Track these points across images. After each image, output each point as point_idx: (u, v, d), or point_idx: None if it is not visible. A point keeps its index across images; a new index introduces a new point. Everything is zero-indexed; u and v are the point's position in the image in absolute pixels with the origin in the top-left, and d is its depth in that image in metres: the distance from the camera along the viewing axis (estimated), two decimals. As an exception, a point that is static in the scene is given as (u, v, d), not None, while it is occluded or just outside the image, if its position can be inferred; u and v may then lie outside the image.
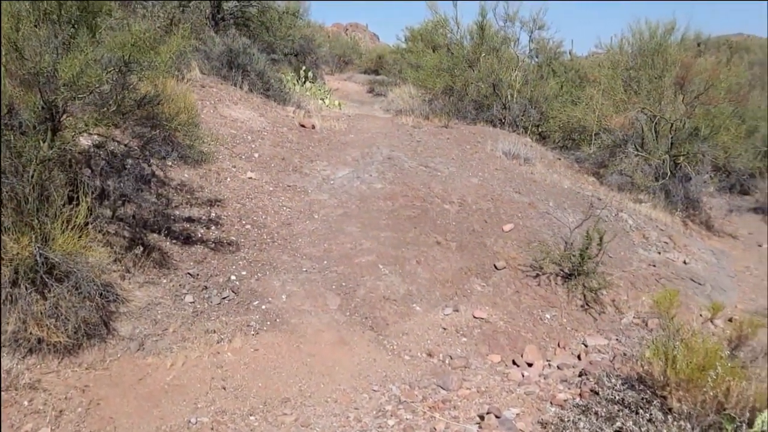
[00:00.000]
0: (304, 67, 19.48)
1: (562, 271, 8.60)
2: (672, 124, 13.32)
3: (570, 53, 21.25)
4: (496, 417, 5.14)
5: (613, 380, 4.88)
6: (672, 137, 13.38)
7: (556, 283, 8.50)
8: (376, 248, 8.68)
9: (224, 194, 9.38)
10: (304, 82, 18.75)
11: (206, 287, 7.37)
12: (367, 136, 12.69)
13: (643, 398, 4.65)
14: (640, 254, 9.87)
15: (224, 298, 7.31)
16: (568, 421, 5.11)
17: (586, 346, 7.56)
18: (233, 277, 7.69)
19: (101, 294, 6.21)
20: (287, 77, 17.83)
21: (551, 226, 9.71)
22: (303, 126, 12.72)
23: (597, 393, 5.35)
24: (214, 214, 8.83)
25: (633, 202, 12.46)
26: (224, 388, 5.92)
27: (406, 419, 5.58)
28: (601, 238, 8.26)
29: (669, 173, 13.01)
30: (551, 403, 5.77)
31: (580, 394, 5.69)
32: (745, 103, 13.92)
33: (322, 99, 18.05)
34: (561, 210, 10.37)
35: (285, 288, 7.66)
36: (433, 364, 6.92)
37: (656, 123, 13.61)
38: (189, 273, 7.51)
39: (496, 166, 11.69)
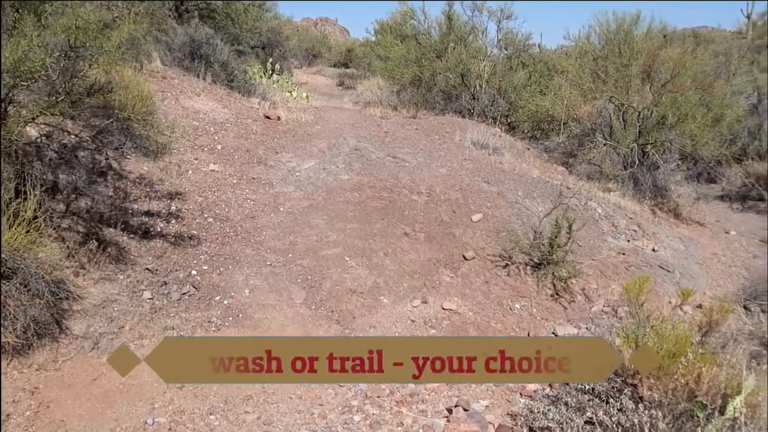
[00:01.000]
0: (270, 60, 19.15)
1: (532, 260, 8.50)
2: (639, 113, 13.31)
3: (539, 46, 21.26)
4: (465, 410, 4.99)
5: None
6: (640, 126, 13.37)
7: (525, 273, 8.39)
8: (342, 240, 8.48)
9: (185, 187, 9.09)
10: (271, 75, 18.43)
11: (165, 283, 7.10)
12: (334, 127, 12.46)
13: (613, 387, 4.54)
14: (609, 242, 9.81)
15: (184, 293, 7.05)
16: (538, 412, 4.98)
17: (556, 335, 7.46)
18: (194, 272, 7.43)
19: (52, 291, 5.91)
20: (253, 70, 17.50)
21: (520, 216, 9.60)
22: (268, 117, 12.44)
23: (567, 383, 5.23)
24: (174, 208, 8.55)
25: (602, 191, 12.42)
26: (182, 387, 5.68)
27: (373, 414, 5.40)
28: (570, 227, 8.17)
29: (637, 162, 13.00)
30: (521, 394, 5.64)
31: (550, 385, 5.56)
32: (711, 90, 13.96)
33: (290, 92, 17.74)
34: (530, 199, 10.28)
35: (248, 282, 7.42)
36: (401, 357, 6.75)
37: (624, 112, 13.59)
38: (147, 268, 7.23)
39: (464, 156, 11.55)
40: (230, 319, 6.83)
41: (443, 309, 7.53)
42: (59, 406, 5.25)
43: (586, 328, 7.66)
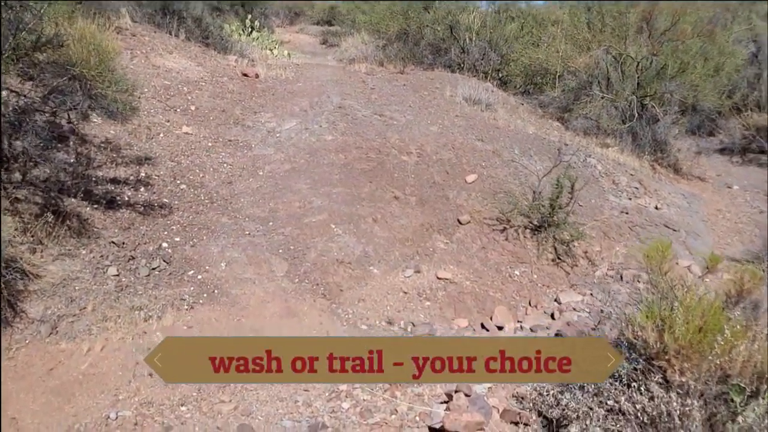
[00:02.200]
0: (250, 17, 18.17)
1: (531, 223, 7.92)
2: (638, 63, 12.62)
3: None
4: (466, 395, 4.45)
5: (599, 348, 4.20)
6: (638, 77, 12.70)
7: (524, 237, 7.82)
8: (327, 206, 7.85)
9: (156, 151, 8.39)
10: (250, 33, 17.48)
11: (133, 257, 6.47)
12: (316, 84, 11.70)
13: (635, 369, 3.99)
14: (611, 201, 9.25)
15: (154, 268, 6.43)
16: (548, 394, 4.45)
17: (559, 303, 6.93)
18: (165, 245, 6.80)
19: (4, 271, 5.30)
20: (232, 27, 16.58)
21: (518, 175, 9.00)
22: (246, 75, 11.66)
23: (578, 361, 4.68)
24: (143, 174, 7.86)
25: (600, 146, 11.82)
26: (151, 375, 5.10)
27: (363, 401, 4.85)
28: (572, 186, 7.59)
29: (636, 115, 12.37)
30: (527, 373, 5.10)
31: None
32: (712, 38, 13.27)
33: (270, 49, 16.84)
34: (527, 157, 9.66)
35: (224, 254, 6.81)
36: (393, 333, 6.21)
37: (621, 62, 12.91)
38: (113, 242, 6.59)
39: (456, 112, 10.87)
40: (205, 295, 6.23)
41: (438, 278, 6.97)
42: (11, 401, 4.67)
43: (591, 294, 7.14)
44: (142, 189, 7.58)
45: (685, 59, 12.20)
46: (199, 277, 6.45)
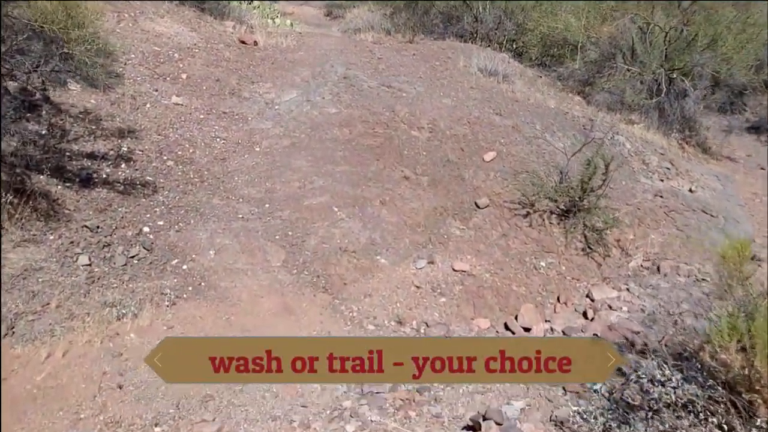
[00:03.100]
0: (250, -15, 17.16)
1: (558, 207, 7.09)
2: (666, 33, 11.66)
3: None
4: (498, 424, 3.65)
5: (665, 370, 3.39)
6: (666, 48, 11.74)
7: (550, 223, 6.99)
8: (330, 187, 7.03)
9: (141, 123, 7.55)
10: (251, 1, 16.48)
11: (108, 244, 5.67)
12: (319, 53, 10.79)
13: (711, 397, 3.18)
14: (642, 183, 8.39)
15: (132, 257, 5.63)
16: (595, 420, 3.65)
17: (592, 300, 6.13)
18: (146, 229, 6.00)
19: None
20: (231, -5, 15.61)
21: (541, 153, 8.13)
22: (243, 43, 10.74)
23: (627, 377, 3.88)
24: (125, 148, 7.03)
25: (624, 123, 10.91)
26: (120, 387, 4.33)
27: (372, 422, 4.07)
28: (606, 167, 6.72)
29: (665, 89, 11.43)
30: (565, 390, 4.31)
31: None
32: (747, 7, 12.29)
33: (272, 18, 15.87)
34: (550, 134, 8.78)
35: (214, 241, 6.00)
36: (404, 335, 5.41)
37: (649, 32, 11.93)
38: (86, 225, 5.79)
39: (471, 84, 9.96)
40: (190, 289, 5.44)
41: (454, 270, 6.16)
42: (-50, 421, 3.91)
43: (628, 289, 6.33)
44: (123, 165, 6.77)
45: (718, 29, 11.23)
46: (184, 267, 5.66)
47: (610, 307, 5.86)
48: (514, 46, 14.12)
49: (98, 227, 5.80)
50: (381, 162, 7.56)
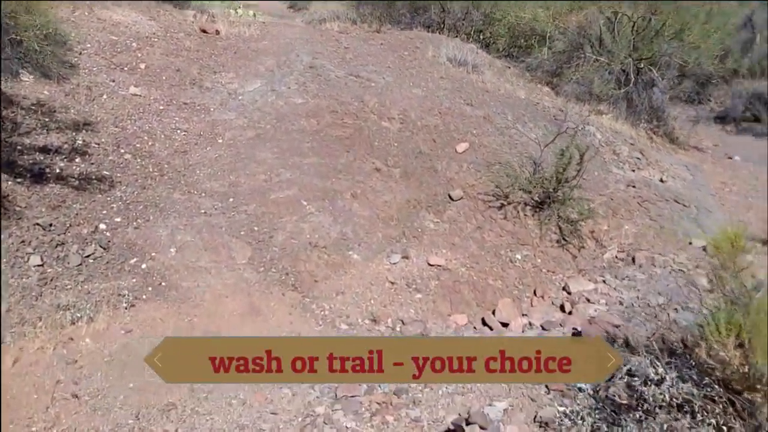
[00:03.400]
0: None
1: (532, 199, 6.93)
2: (634, 23, 11.62)
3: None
4: (482, 428, 3.45)
5: (658, 368, 3.21)
6: (634, 38, 11.70)
7: (525, 215, 6.84)
8: (298, 179, 6.76)
9: (97, 115, 7.18)
10: (212, -7, 16.00)
11: (62, 243, 5.33)
12: (283, 42, 10.45)
13: (707, 396, 3.03)
14: (614, 173, 8.30)
15: (87, 256, 5.30)
16: (583, 422, 3.49)
17: (568, 293, 5.99)
18: (102, 227, 5.66)
19: None
20: (190, -13, 15.12)
21: (513, 144, 7.97)
22: (205, 32, 10.35)
23: (615, 377, 3.71)
24: (80, 142, 6.66)
25: (594, 113, 10.83)
26: (76, 396, 4.02)
27: (347, 429, 3.84)
28: (581, 157, 6.59)
29: (633, 79, 11.40)
30: (548, 388, 4.14)
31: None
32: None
33: (234, 9, 15.44)
34: (521, 124, 8.63)
35: (175, 238, 5.69)
36: (379, 334, 5.19)
37: (617, 21, 11.88)
38: (38, 223, 5.42)
39: (440, 74, 9.76)
40: (149, 289, 5.14)
41: (429, 265, 5.96)
42: None
43: (604, 281, 6.21)
44: (78, 159, 6.40)
45: (686, 18, 11.23)
46: (143, 266, 5.35)
47: (588, 300, 5.72)
48: (482, 36, 13.96)
49: (51, 225, 5.44)
50: (351, 154, 7.31)
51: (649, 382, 3.11)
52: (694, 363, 3.13)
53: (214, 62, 9.28)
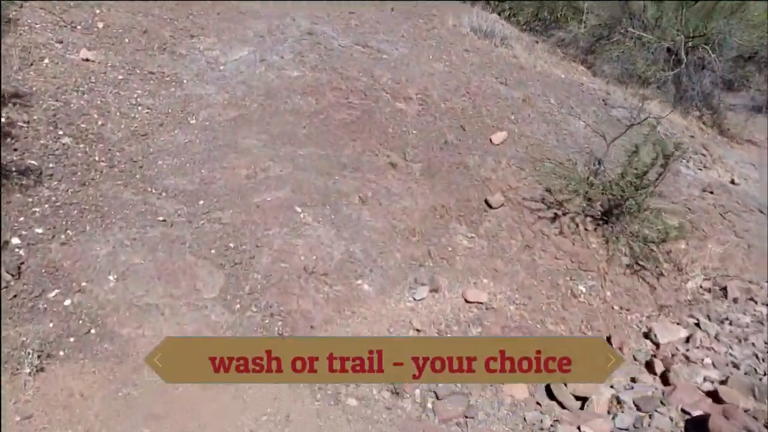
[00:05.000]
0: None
1: (594, 208, 5.34)
2: (686, -5, 10.01)
3: None
4: None
5: None
6: (684, 12, 10.07)
7: (586, 229, 5.25)
8: (290, 176, 5.14)
9: (33, 85, 5.53)
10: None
11: (-50, 267, 3.69)
12: (277, 2, 8.75)
13: None
14: (684, 174, 6.72)
15: (-14, 288, 3.67)
16: None
17: (655, 344, 4.42)
18: (16, 241, 4.05)
19: None
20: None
21: (560, 134, 6.38)
22: (182, -13, 8.63)
23: None
24: (5, 119, 5.00)
25: (638, 98, 9.23)
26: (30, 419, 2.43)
27: None
28: (666, 158, 4.98)
29: (684, 60, 9.77)
30: None
31: None
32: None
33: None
34: (567, 109, 7.02)
35: (117, 259, 4.07)
36: (401, 416, 3.61)
37: (665, -8, 10.26)
38: None
39: (465, 46, 8.10)
40: (70, 340, 3.53)
41: (467, 302, 4.36)
42: None
43: (697, 324, 4.65)
44: (-4, 143, 4.75)
45: (747, -9, 9.64)
46: (66, 302, 3.75)
47: (687, 359, 4.16)
48: (506, 6, 12.27)
49: (-61, 238, 3.82)
50: (359, 143, 5.68)
51: None
52: None
53: (192, 24, 7.56)
